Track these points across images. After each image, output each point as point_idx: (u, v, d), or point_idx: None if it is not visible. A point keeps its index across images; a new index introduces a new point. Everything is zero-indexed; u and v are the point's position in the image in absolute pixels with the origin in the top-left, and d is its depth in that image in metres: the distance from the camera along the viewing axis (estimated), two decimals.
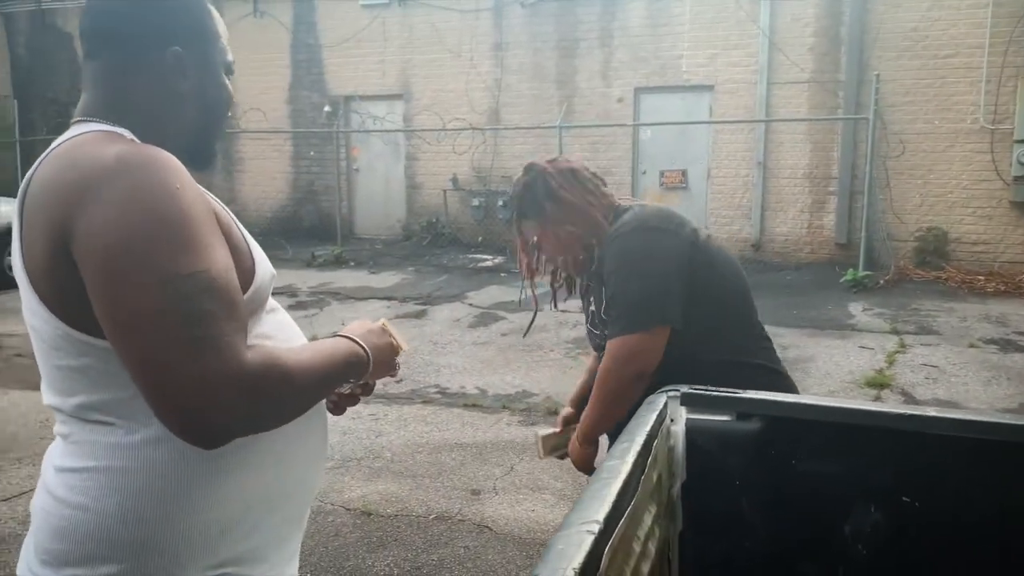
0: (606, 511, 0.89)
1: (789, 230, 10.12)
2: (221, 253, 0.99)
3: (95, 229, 0.93)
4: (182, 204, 0.96)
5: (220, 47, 1.20)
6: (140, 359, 0.93)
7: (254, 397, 0.94)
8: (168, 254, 0.93)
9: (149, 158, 0.99)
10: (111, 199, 0.94)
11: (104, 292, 0.94)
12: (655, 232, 1.86)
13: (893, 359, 6.02)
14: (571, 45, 10.88)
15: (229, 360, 0.92)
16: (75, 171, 0.97)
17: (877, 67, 9.19)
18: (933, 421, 1.26)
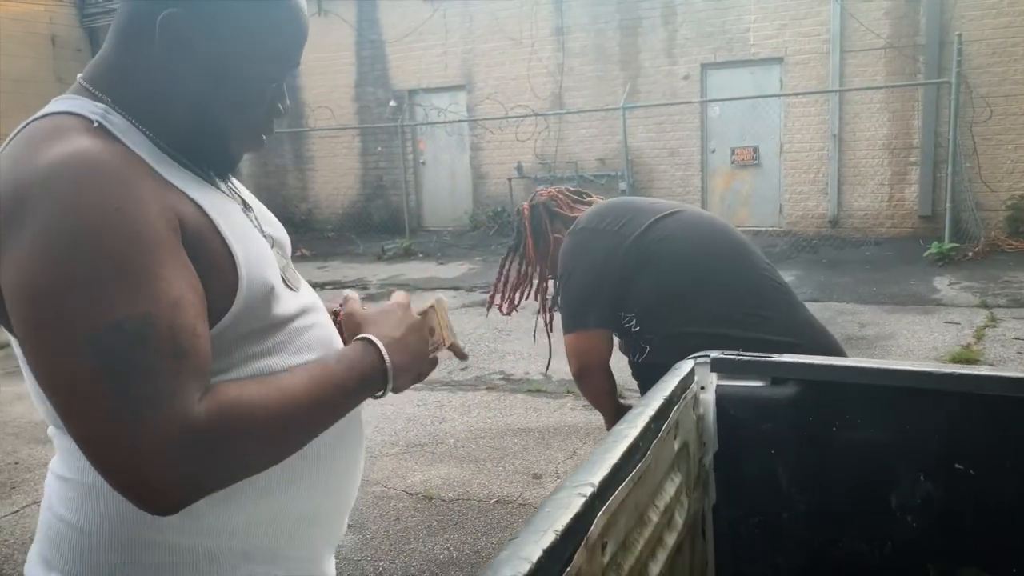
0: (603, 475, 0.84)
1: (868, 204, 9.69)
2: (171, 285, 0.82)
3: (14, 266, 0.80)
4: (119, 230, 0.79)
5: (265, 40, 0.95)
6: (71, 428, 0.80)
7: (207, 456, 0.79)
8: (92, 300, 0.77)
9: (84, 166, 0.81)
10: (33, 226, 0.79)
11: (25, 342, 0.81)
12: (580, 234, 1.94)
13: (982, 334, 5.68)
14: (633, 24, 10.67)
15: (169, 419, 0.77)
16: (12, 178, 0.83)
17: (959, 28, 8.68)
18: (986, 380, 1.16)
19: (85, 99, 0.92)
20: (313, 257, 11.21)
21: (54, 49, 14.18)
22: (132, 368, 0.77)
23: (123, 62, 0.93)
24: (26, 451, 4.43)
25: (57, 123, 0.88)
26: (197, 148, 0.96)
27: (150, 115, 0.93)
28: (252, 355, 0.94)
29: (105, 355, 0.76)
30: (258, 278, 0.93)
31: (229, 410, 0.81)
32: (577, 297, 1.88)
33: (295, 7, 0.96)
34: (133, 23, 0.92)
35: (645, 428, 0.99)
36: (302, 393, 0.87)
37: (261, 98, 0.98)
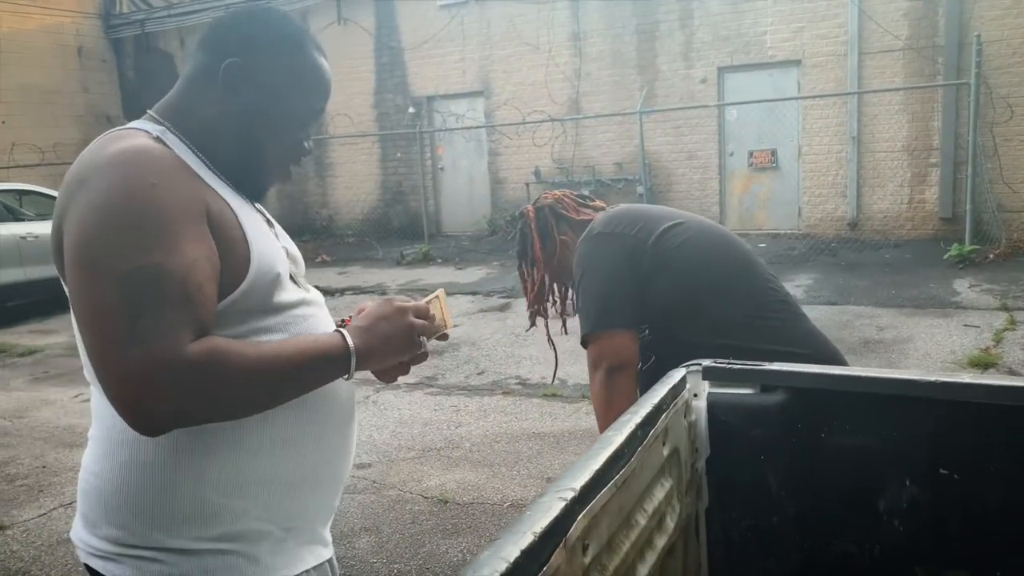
0: (585, 479, 0.88)
1: (888, 206, 9.64)
2: (189, 249, 1.01)
3: (71, 223, 1.02)
4: (152, 200, 1.01)
5: (300, 89, 1.20)
6: (89, 347, 0.99)
7: (189, 388, 0.96)
8: (123, 248, 0.97)
9: (135, 155, 1.04)
10: (90, 193, 1.01)
11: (69, 282, 1.02)
12: (597, 238, 1.92)
13: (1001, 337, 5.64)
14: (650, 28, 10.70)
15: (164, 351, 0.94)
16: (85, 161, 1.07)
17: (978, 28, 8.61)
18: (970, 388, 1.19)
19: (148, 121, 1.17)
20: (333, 263, 11.33)
21: (80, 60, 14.46)
22: (144, 305, 0.96)
23: (185, 99, 1.19)
24: (53, 455, 4.55)
25: (126, 132, 1.13)
26: (237, 172, 1.18)
27: (201, 140, 1.16)
28: (254, 329, 1.12)
29: (125, 291, 0.96)
30: (267, 264, 1.13)
31: (213, 354, 0.98)
32: (602, 297, 1.84)
33: (322, 66, 1.23)
34: (197, 73, 1.18)
35: (631, 435, 1.04)
36: (273, 358, 1.04)
37: (293, 136, 1.22)
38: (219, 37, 1.20)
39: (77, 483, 1.19)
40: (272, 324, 1.14)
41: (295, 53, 1.20)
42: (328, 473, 1.24)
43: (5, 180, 10.60)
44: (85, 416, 5.26)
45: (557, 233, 2.12)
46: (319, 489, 1.23)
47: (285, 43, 1.20)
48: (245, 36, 1.18)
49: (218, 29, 1.22)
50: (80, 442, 4.75)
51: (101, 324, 0.97)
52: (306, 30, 1.25)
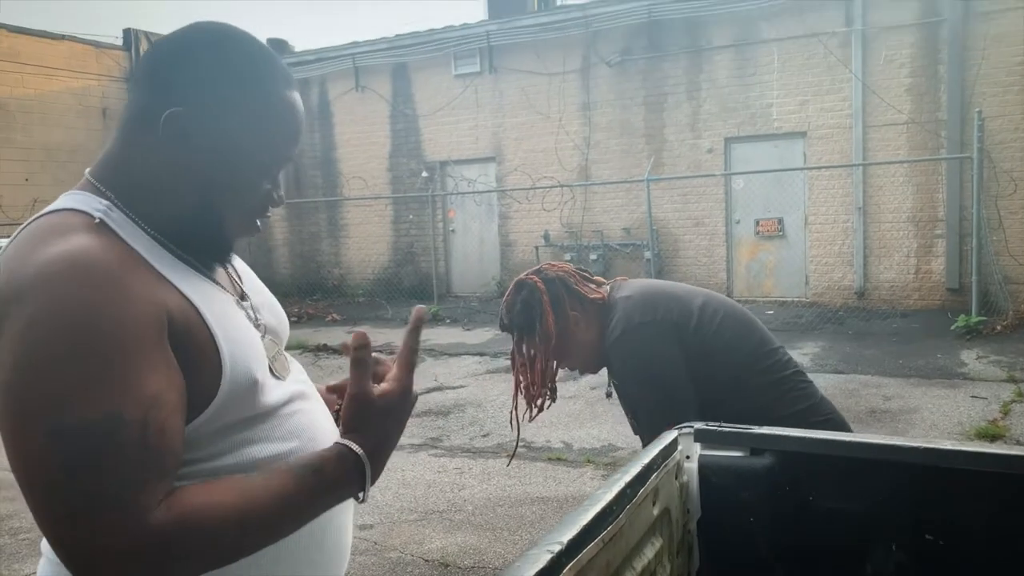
0: (572, 534, 0.93)
1: (895, 276, 9.69)
2: (145, 381, 0.83)
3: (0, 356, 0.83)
4: (101, 327, 0.82)
5: (265, 133, 1.00)
6: (35, 515, 0.82)
7: (162, 560, 0.80)
8: (60, 398, 0.79)
9: (76, 266, 0.84)
10: (15, 325, 0.82)
11: (1, 438, 0.84)
12: (643, 329, 1.86)
13: (1009, 409, 5.62)
14: (658, 100, 10.98)
15: (125, 525, 0.78)
16: (7, 275, 0.87)
17: (980, 104, 8.81)
18: (952, 455, 1.23)
19: (90, 194, 0.96)
20: (343, 322, 11.42)
21: (104, 121, 14.91)
22: (94, 466, 0.78)
23: (125, 155, 0.98)
24: None
25: (61, 220, 0.92)
26: (195, 237, 0.99)
27: (150, 207, 0.97)
28: (238, 442, 0.96)
29: (68, 452, 0.78)
30: (243, 371, 0.95)
31: (188, 518, 0.82)
32: (669, 395, 1.80)
33: (291, 106, 1.02)
34: (136, 118, 0.98)
35: (620, 492, 1.08)
36: (268, 500, 0.87)
37: (257, 189, 1.02)
38: (160, 74, 0.98)
39: None
40: (257, 434, 0.98)
41: (255, 93, 0.98)
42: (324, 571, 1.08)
43: None
44: None
45: (569, 308, 1.98)
46: None
47: (242, 82, 0.98)
48: (192, 74, 0.96)
49: (158, 62, 0.99)
50: None
51: (41, 492, 0.79)
52: (272, 59, 1.02)
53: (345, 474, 0.92)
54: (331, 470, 0.91)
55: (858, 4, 9.59)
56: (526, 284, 2.03)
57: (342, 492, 0.94)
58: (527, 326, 1.98)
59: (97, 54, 14.91)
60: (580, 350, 2.00)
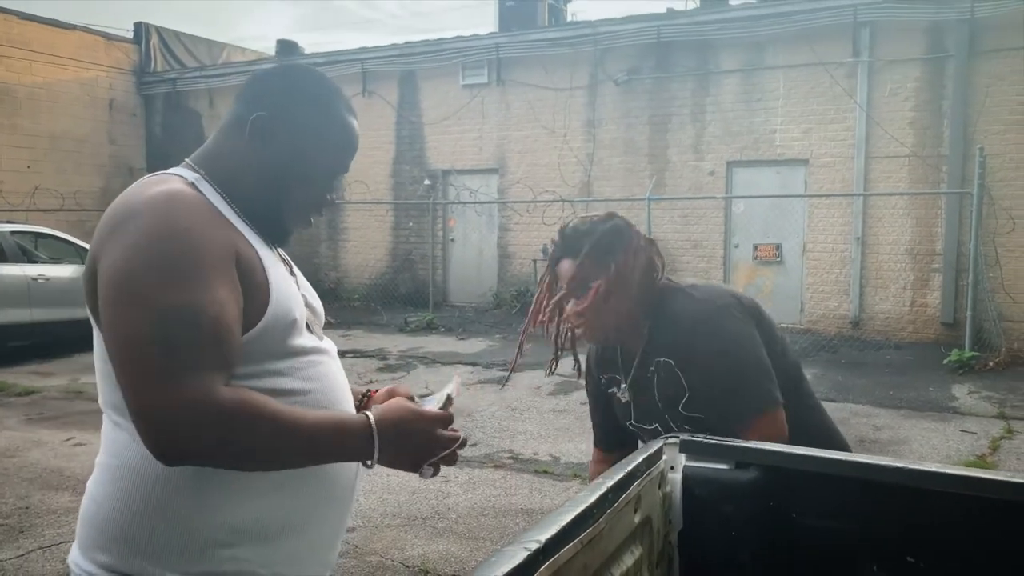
0: (551, 533, 0.92)
1: (891, 308, 9.70)
2: (219, 291, 1.06)
3: (108, 261, 1.07)
4: (187, 242, 1.06)
5: (326, 147, 1.26)
6: (122, 377, 1.03)
7: (214, 429, 1.00)
8: (161, 286, 1.03)
9: (170, 199, 1.11)
10: (127, 234, 1.07)
11: (104, 316, 1.07)
12: (731, 309, 1.78)
13: (997, 445, 5.61)
14: (663, 120, 11.02)
15: (197, 389, 0.99)
16: (121, 204, 1.13)
17: (982, 141, 8.85)
18: (937, 477, 1.22)
19: (186, 169, 1.24)
20: (338, 325, 11.39)
21: (111, 112, 14.93)
22: (180, 342, 1.01)
23: (217, 148, 1.26)
24: (38, 497, 4.52)
25: (164, 177, 1.20)
26: (262, 218, 1.24)
27: (231, 187, 1.22)
28: (269, 370, 1.16)
29: (162, 327, 1.01)
30: (284, 308, 1.18)
31: (247, 404, 1.03)
32: (760, 373, 1.71)
33: (351, 126, 1.30)
34: (232, 124, 1.26)
35: (602, 496, 1.07)
36: (305, 428, 1.08)
37: (316, 189, 1.29)
38: (253, 91, 1.27)
39: (58, 526, 1.20)
40: (284, 367, 1.18)
41: (322, 112, 1.26)
42: (323, 521, 1.24)
43: (24, 222, 10.81)
44: (74, 460, 5.23)
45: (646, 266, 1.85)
46: (312, 537, 1.22)
47: (313, 102, 1.26)
48: (275, 91, 1.25)
49: (253, 84, 1.29)
50: (66, 485, 4.73)
51: (137, 357, 1.01)
52: (338, 90, 1.30)
53: (362, 440, 1.13)
54: (352, 427, 1.14)
55: (865, 36, 9.65)
56: (621, 219, 1.90)
57: (353, 452, 1.15)
58: (608, 246, 1.82)
59: (107, 46, 14.95)
60: (622, 307, 1.82)
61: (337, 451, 1.15)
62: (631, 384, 1.89)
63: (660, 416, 1.83)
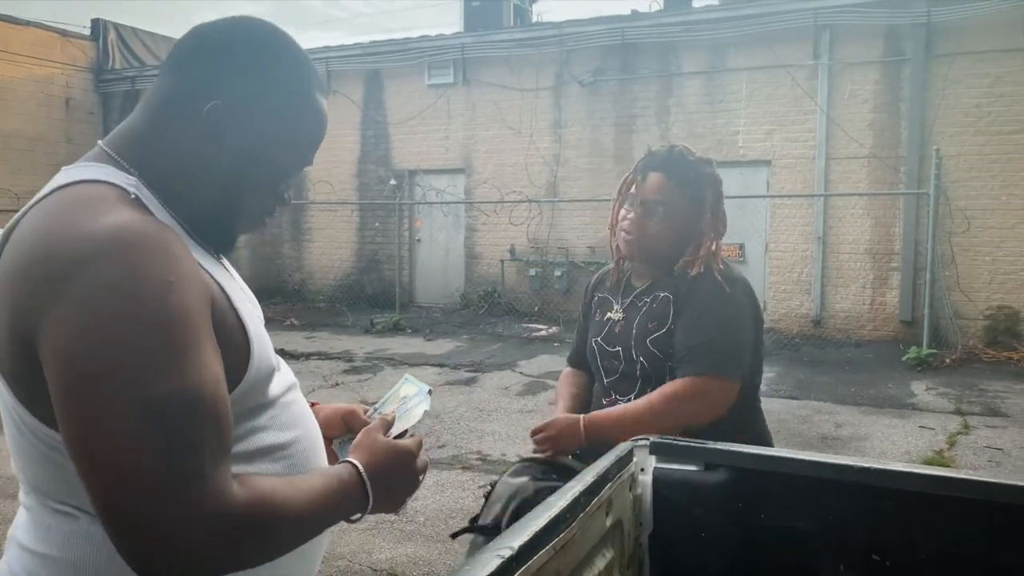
0: (524, 540, 0.91)
1: (851, 306, 9.89)
2: (211, 359, 0.85)
3: (64, 331, 0.79)
4: (173, 303, 0.82)
5: (292, 139, 1.04)
6: (103, 488, 0.79)
7: (235, 539, 0.81)
8: (147, 370, 0.79)
9: (142, 239, 0.84)
10: (86, 295, 0.80)
11: (67, 409, 0.80)
12: (747, 285, 1.91)
13: (954, 440, 5.75)
14: (628, 121, 11.09)
15: (211, 497, 0.79)
16: (53, 243, 0.84)
17: (938, 143, 9.06)
18: (902, 476, 1.24)
19: (113, 168, 0.96)
20: (302, 327, 11.27)
21: (67, 111, 14.59)
22: (181, 440, 0.78)
23: (153, 136, 0.99)
24: None
25: (99, 192, 0.91)
26: (209, 224, 1.01)
27: (173, 190, 0.98)
28: (251, 429, 0.98)
29: (157, 423, 0.78)
30: (265, 358, 0.99)
31: (265, 501, 0.84)
32: (738, 344, 1.83)
33: (321, 113, 1.07)
34: (173, 103, 0.99)
35: (574, 501, 1.07)
36: (312, 507, 0.92)
37: (275, 188, 1.07)
38: (203, 62, 0.99)
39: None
40: (264, 422, 1.01)
41: (296, 96, 1.02)
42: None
43: None
44: None
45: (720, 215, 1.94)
46: None
47: (286, 83, 1.01)
48: (236, 69, 0.98)
49: (202, 51, 0.99)
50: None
51: (123, 466, 0.77)
52: (311, 63, 1.05)
53: (356, 504, 1.00)
54: (348, 486, 0.99)
55: (826, 39, 9.82)
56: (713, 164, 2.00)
57: (350, 510, 1.00)
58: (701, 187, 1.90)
59: (63, 42, 14.61)
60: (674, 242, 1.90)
61: (336, 517, 0.99)
62: (625, 307, 1.97)
63: (627, 342, 1.91)
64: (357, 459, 1.02)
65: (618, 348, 1.92)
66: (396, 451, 1.07)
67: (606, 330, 1.98)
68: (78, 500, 0.89)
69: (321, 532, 0.99)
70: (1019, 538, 1.20)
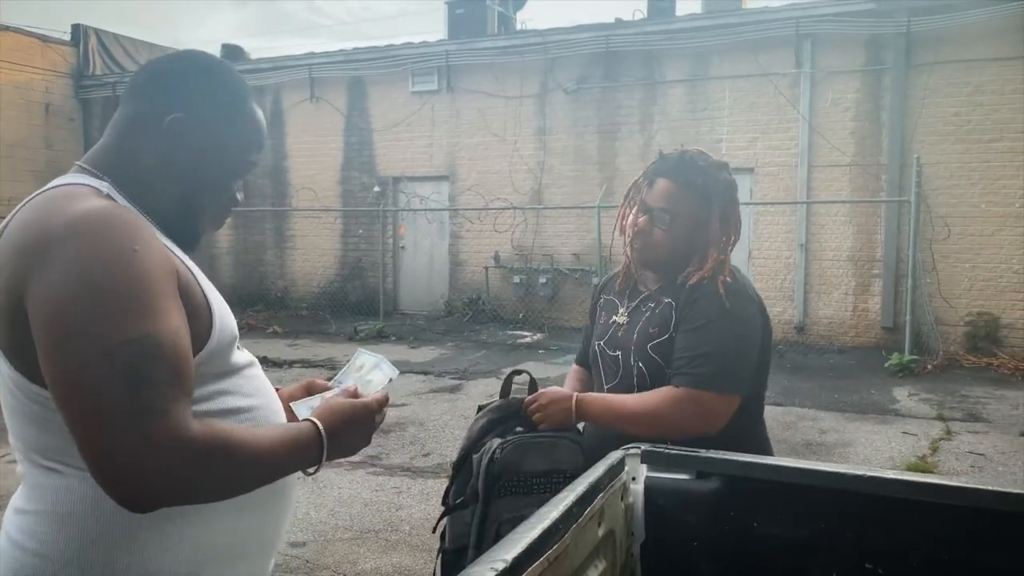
0: (517, 552, 0.90)
1: (833, 313, 9.95)
2: (173, 317, 0.99)
3: (44, 292, 0.95)
4: (135, 267, 0.97)
5: (240, 142, 1.22)
6: (79, 422, 0.93)
7: (191, 468, 0.94)
8: (112, 320, 0.94)
9: (110, 217, 1.01)
10: (63, 261, 0.96)
11: (48, 356, 0.95)
12: (752, 299, 1.86)
13: (937, 446, 5.78)
14: (612, 129, 11.13)
15: (170, 428, 0.92)
16: (39, 227, 1.00)
17: (919, 151, 9.16)
18: (893, 484, 1.24)
19: (88, 176, 1.13)
20: (284, 335, 11.19)
21: (47, 117, 14.43)
22: (143, 377, 0.93)
23: (120, 150, 1.16)
24: None
25: (74, 190, 1.08)
26: (175, 221, 1.17)
27: (140, 195, 1.14)
28: (216, 391, 1.12)
29: (120, 365, 0.92)
30: (228, 327, 1.14)
31: (220, 437, 0.97)
32: (740, 358, 1.78)
33: (261, 120, 1.27)
34: (136, 122, 1.17)
35: (567, 511, 1.05)
36: (269, 451, 1.05)
37: (229, 188, 1.24)
38: (159, 87, 1.17)
39: None
40: (229, 386, 1.15)
41: (238, 108, 1.22)
42: (261, 540, 1.23)
43: None
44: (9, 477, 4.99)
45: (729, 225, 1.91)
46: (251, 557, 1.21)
47: (229, 98, 1.21)
48: (189, 90, 1.17)
49: (158, 78, 1.19)
50: None
51: (95, 400, 0.91)
52: (245, 82, 1.26)
53: (314, 447, 1.11)
54: (305, 437, 1.11)
55: (807, 48, 9.91)
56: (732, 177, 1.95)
57: (307, 461, 1.12)
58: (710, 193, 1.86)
59: (43, 48, 14.46)
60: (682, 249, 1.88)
61: (294, 466, 1.13)
62: (630, 311, 1.95)
63: (627, 346, 1.89)
64: (316, 418, 1.14)
65: (618, 353, 1.91)
66: (354, 408, 1.19)
67: (609, 334, 1.97)
68: (63, 455, 1.02)
69: (279, 477, 1.12)
70: (1006, 543, 1.20)
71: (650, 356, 1.83)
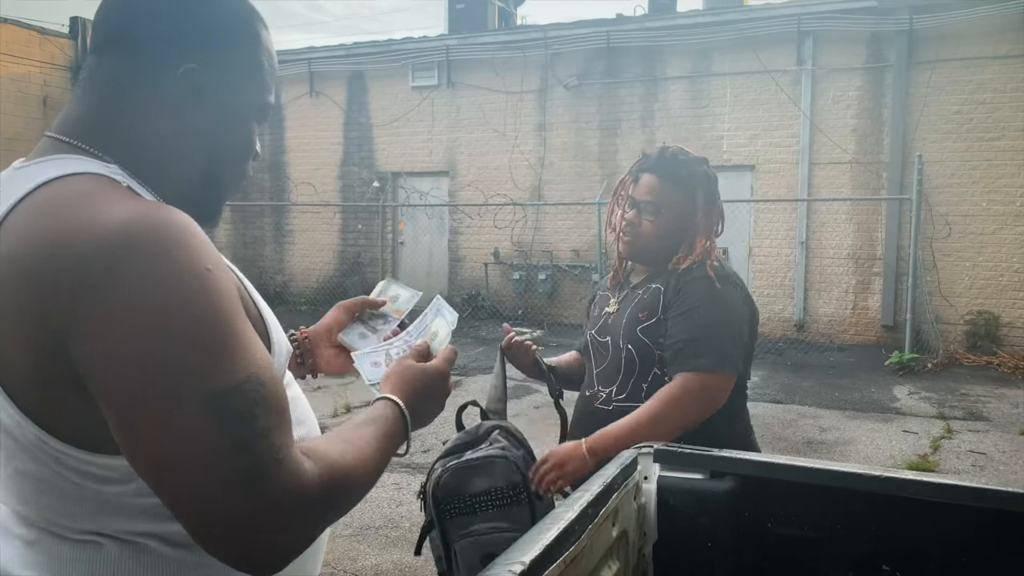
0: (535, 554, 0.87)
1: (834, 311, 9.94)
2: (260, 346, 0.82)
3: (109, 336, 0.74)
4: (215, 292, 0.78)
5: (260, 82, 0.98)
6: (185, 497, 0.76)
7: (317, 514, 0.82)
8: (208, 364, 0.75)
9: (165, 228, 0.78)
10: (125, 295, 0.74)
11: (128, 418, 0.75)
12: (737, 283, 1.93)
13: (938, 445, 5.77)
14: (613, 125, 11.10)
15: (288, 480, 0.77)
16: (67, 245, 0.76)
17: (921, 149, 9.14)
18: (911, 484, 1.22)
19: (87, 158, 0.87)
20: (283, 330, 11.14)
21: (44, 110, 14.37)
22: (254, 429, 0.76)
23: (119, 120, 0.90)
24: None
25: (89, 186, 0.83)
26: (196, 196, 0.95)
27: (151, 168, 0.90)
28: None
29: (228, 416, 0.75)
30: (282, 343, 0.98)
31: (336, 468, 0.84)
32: (732, 337, 1.83)
33: (272, 52, 1.01)
34: (131, 80, 0.90)
35: (583, 512, 1.03)
36: (373, 455, 0.92)
37: (252, 144, 1.02)
38: (157, 31, 0.90)
39: None
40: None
41: (255, 44, 0.97)
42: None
43: None
44: None
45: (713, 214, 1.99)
46: None
47: (244, 32, 0.96)
48: (199, 30, 0.91)
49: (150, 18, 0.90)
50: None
51: (200, 464, 0.74)
52: (251, 3, 0.99)
53: (400, 429, 0.99)
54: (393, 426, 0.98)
55: (809, 45, 9.88)
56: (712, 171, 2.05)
57: (397, 445, 0.99)
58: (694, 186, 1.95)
59: (41, 40, 14.39)
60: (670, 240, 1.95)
61: (389, 458, 0.98)
62: (620, 300, 2.02)
63: (616, 332, 1.95)
64: (395, 394, 1.02)
65: (607, 338, 1.97)
66: (428, 376, 1.08)
67: (600, 323, 2.04)
68: (103, 526, 0.85)
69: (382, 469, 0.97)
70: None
71: (638, 337, 1.89)
